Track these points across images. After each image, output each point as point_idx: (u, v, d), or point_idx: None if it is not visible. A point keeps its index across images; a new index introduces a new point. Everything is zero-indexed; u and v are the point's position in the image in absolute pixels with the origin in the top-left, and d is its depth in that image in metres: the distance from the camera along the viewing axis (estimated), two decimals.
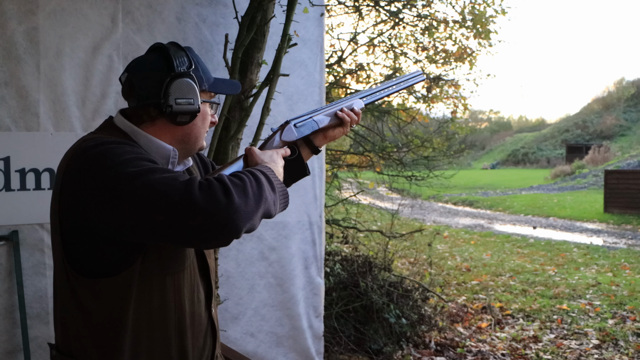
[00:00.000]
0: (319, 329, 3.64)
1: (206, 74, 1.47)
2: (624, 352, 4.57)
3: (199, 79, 1.42)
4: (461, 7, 6.30)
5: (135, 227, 1.19)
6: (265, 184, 1.29)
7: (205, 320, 1.48)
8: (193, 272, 1.44)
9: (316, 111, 1.71)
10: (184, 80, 1.38)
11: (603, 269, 8.12)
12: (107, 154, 1.25)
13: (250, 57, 2.78)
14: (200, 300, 1.46)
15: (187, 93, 1.39)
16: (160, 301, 1.35)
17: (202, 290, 1.48)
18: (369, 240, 6.25)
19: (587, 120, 48.45)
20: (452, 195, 21.65)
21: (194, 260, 1.45)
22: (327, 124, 1.71)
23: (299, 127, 1.68)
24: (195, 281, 1.45)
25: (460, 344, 4.74)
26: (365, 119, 6.96)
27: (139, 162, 1.23)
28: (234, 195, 1.17)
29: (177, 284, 1.38)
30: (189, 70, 1.40)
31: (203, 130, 1.48)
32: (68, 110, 2.67)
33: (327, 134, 1.73)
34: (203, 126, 1.48)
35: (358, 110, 1.75)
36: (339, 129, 1.74)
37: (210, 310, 1.51)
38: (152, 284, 1.34)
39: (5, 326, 2.55)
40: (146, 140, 1.40)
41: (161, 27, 2.87)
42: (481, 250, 10.03)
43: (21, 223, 2.61)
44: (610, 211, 15.31)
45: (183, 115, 1.39)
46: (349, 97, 1.77)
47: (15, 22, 2.52)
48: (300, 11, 2.98)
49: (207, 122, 1.49)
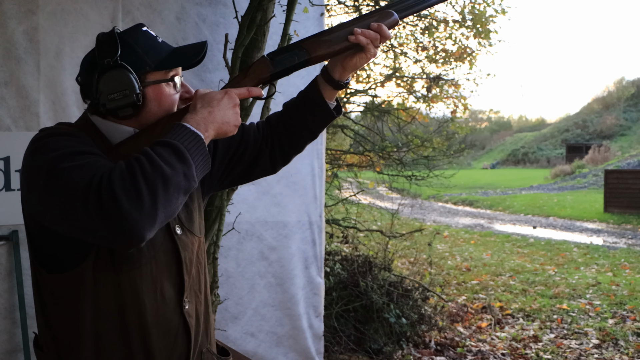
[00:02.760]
0: (319, 328, 3.64)
1: (151, 51, 1.35)
2: (624, 352, 4.57)
3: (136, 63, 1.32)
4: (461, 7, 6.31)
5: (54, 223, 1.20)
6: (164, 165, 1.12)
7: (175, 318, 1.39)
8: (156, 269, 1.34)
9: (318, 35, 1.44)
10: (111, 73, 1.30)
11: (603, 269, 8.12)
12: (42, 146, 1.23)
13: (250, 56, 2.78)
14: (167, 298, 1.37)
15: (119, 85, 1.29)
16: (117, 300, 1.31)
17: (171, 286, 1.38)
18: (369, 240, 6.26)
19: (587, 120, 48.46)
20: (452, 195, 21.65)
21: (157, 256, 1.35)
22: (327, 51, 1.42)
23: (278, 60, 1.45)
24: (158, 279, 1.35)
25: (460, 344, 4.74)
26: (365, 118, 6.97)
27: (67, 157, 1.18)
28: (123, 204, 1.08)
29: (133, 282, 1.31)
30: (115, 59, 1.30)
31: (172, 109, 1.37)
32: (68, 110, 2.67)
33: (345, 64, 1.47)
34: (161, 109, 1.36)
35: (383, 25, 1.43)
36: (360, 55, 1.44)
37: (182, 307, 1.40)
38: (107, 282, 1.30)
39: (5, 326, 2.55)
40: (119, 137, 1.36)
41: (161, 26, 2.87)
42: (481, 250, 10.03)
43: (21, 223, 2.60)
44: (610, 211, 15.31)
45: (123, 109, 1.31)
46: (377, 10, 1.45)
47: (15, 22, 2.52)
48: (300, 11, 2.99)
49: (168, 103, 1.37)
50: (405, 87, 6.68)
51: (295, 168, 3.45)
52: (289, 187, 3.44)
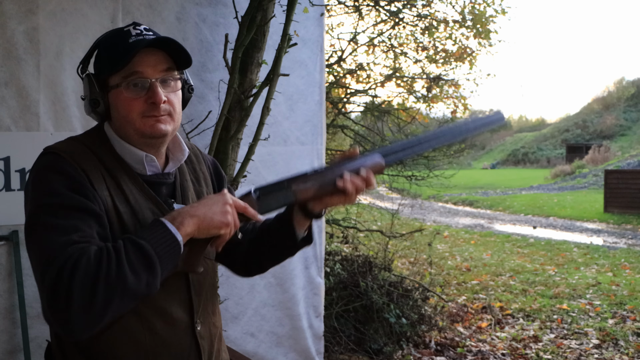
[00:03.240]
0: (319, 328, 3.64)
1: (113, 54, 1.29)
2: (624, 352, 4.57)
3: (100, 68, 1.32)
4: (461, 7, 6.31)
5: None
6: (129, 274, 1.11)
7: (187, 340, 1.39)
8: (165, 292, 1.31)
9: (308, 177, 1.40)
10: (84, 79, 1.35)
11: (603, 269, 8.12)
12: (40, 182, 1.26)
13: (250, 57, 2.78)
14: (177, 320, 1.37)
15: (85, 92, 1.34)
16: (127, 322, 1.30)
17: (182, 308, 1.38)
18: (369, 240, 6.26)
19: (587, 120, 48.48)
20: (452, 195, 21.65)
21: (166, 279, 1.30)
22: (314, 193, 1.39)
23: (265, 202, 1.38)
24: (167, 301, 1.35)
25: (460, 344, 4.74)
26: (365, 118, 6.97)
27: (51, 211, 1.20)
28: (74, 303, 1.06)
29: (143, 304, 1.29)
30: (84, 66, 1.36)
31: (129, 115, 1.30)
32: (68, 110, 2.67)
33: (323, 200, 1.43)
34: (120, 115, 1.32)
35: (372, 175, 1.40)
36: (340, 197, 1.40)
37: (195, 329, 1.41)
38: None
39: (5, 326, 2.55)
40: (120, 146, 1.36)
41: (161, 27, 2.87)
42: (481, 250, 10.03)
43: (21, 223, 2.60)
44: (610, 211, 15.31)
45: (93, 115, 1.37)
46: (367, 154, 1.41)
47: (15, 22, 2.51)
48: (300, 11, 2.98)
49: (125, 109, 1.30)
50: (405, 87, 6.68)
51: (295, 168, 3.45)
52: None
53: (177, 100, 1.36)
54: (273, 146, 3.22)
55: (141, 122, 1.30)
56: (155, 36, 1.32)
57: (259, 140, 2.77)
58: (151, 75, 1.29)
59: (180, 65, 1.37)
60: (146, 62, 1.29)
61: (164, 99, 1.30)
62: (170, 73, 1.34)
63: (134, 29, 1.33)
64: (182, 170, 1.49)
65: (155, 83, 1.29)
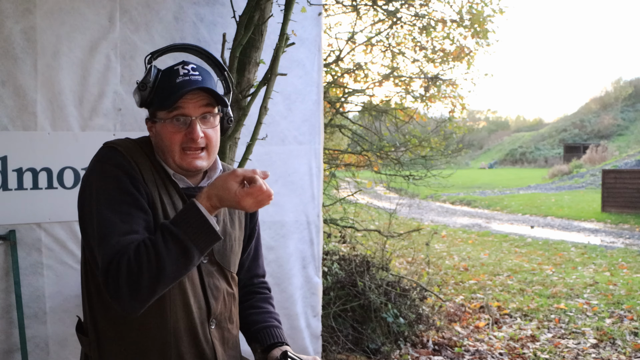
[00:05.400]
0: (316, 328, 3.64)
1: (161, 91, 1.51)
2: (621, 352, 4.58)
3: (152, 101, 1.54)
4: (459, 7, 6.31)
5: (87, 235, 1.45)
6: (168, 265, 1.32)
7: (202, 334, 1.52)
8: (185, 286, 1.48)
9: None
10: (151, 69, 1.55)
11: (600, 268, 8.13)
12: (100, 173, 1.45)
13: (248, 56, 2.77)
14: (195, 312, 1.50)
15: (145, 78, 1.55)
16: (154, 303, 1.41)
17: (198, 305, 1.51)
18: (367, 240, 6.25)
19: (584, 120, 48.58)
20: (450, 195, 21.67)
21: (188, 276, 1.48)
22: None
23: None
24: (187, 294, 1.49)
25: (457, 343, 4.74)
26: (363, 118, 6.97)
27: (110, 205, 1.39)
28: (123, 288, 1.30)
29: (168, 291, 1.43)
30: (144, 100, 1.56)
31: (171, 146, 1.49)
32: (65, 109, 2.67)
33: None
34: (161, 144, 1.51)
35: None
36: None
37: (209, 326, 1.54)
38: None
39: (2, 326, 2.55)
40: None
41: (159, 26, 2.87)
42: (479, 250, 10.04)
43: (18, 222, 2.61)
44: (608, 210, 15.34)
45: (136, 96, 1.57)
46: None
47: (12, 21, 2.51)
48: (298, 10, 2.98)
49: (166, 140, 1.49)
50: (403, 87, 6.68)
51: (293, 168, 3.45)
52: (287, 187, 3.43)
53: (214, 134, 1.53)
54: (271, 146, 3.22)
55: (181, 156, 1.49)
56: (200, 76, 1.49)
57: (256, 139, 2.77)
58: (192, 113, 1.48)
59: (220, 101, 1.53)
60: (189, 101, 1.47)
61: (201, 135, 1.48)
62: (210, 110, 1.51)
63: (182, 68, 1.51)
64: None
65: (195, 121, 1.48)
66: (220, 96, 1.49)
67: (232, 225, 1.64)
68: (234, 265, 1.63)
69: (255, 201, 1.35)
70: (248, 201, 1.34)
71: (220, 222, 1.58)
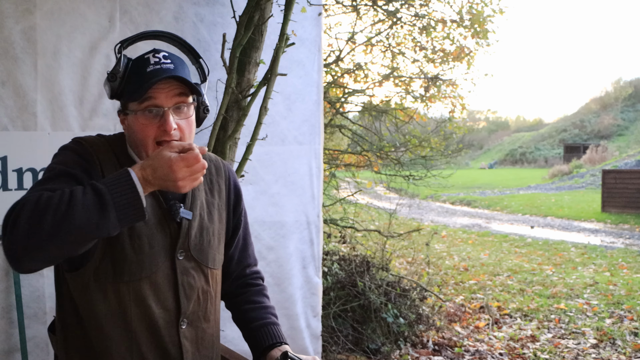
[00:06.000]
0: (316, 328, 3.63)
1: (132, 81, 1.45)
2: (621, 352, 4.58)
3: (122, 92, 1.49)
4: (459, 7, 6.31)
5: None
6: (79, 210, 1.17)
7: (169, 335, 1.48)
8: (153, 286, 1.44)
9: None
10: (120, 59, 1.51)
11: (600, 269, 8.13)
12: (56, 155, 1.44)
13: (248, 56, 2.77)
14: (162, 313, 1.46)
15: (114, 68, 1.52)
16: (117, 305, 1.41)
17: (166, 305, 1.47)
18: (367, 240, 6.26)
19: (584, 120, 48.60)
20: (450, 195, 21.66)
21: (156, 274, 1.45)
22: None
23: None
24: (154, 295, 1.45)
25: (457, 344, 4.74)
26: (363, 118, 6.97)
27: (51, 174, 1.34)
28: (19, 226, 1.16)
29: (133, 292, 1.41)
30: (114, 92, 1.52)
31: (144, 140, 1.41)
32: (65, 109, 2.67)
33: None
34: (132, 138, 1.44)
35: None
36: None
37: (179, 327, 1.50)
38: (108, 288, 1.42)
39: (2, 326, 2.55)
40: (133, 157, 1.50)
41: (159, 26, 2.87)
42: (479, 250, 10.04)
43: None
44: (608, 211, 15.33)
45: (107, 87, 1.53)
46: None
47: (12, 21, 2.51)
48: (298, 10, 2.98)
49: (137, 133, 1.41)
50: (403, 87, 6.68)
51: (293, 168, 3.45)
52: (287, 187, 3.43)
53: (188, 126, 1.45)
54: (271, 146, 3.22)
55: (154, 148, 1.40)
56: (173, 65, 1.42)
57: (256, 140, 2.77)
58: (164, 103, 1.40)
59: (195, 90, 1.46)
60: (160, 90, 1.39)
61: (174, 126, 1.40)
62: (184, 100, 1.43)
63: (153, 56, 1.44)
64: None
65: (168, 112, 1.40)
66: (194, 85, 1.42)
67: (211, 219, 1.59)
68: (212, 260, 1.57)
69: (189, 170, 1.25)
70: (182, 169, 1.24)
71: (197, 217, 1.53)
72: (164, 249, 1.46)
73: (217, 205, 1.62)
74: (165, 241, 1.47)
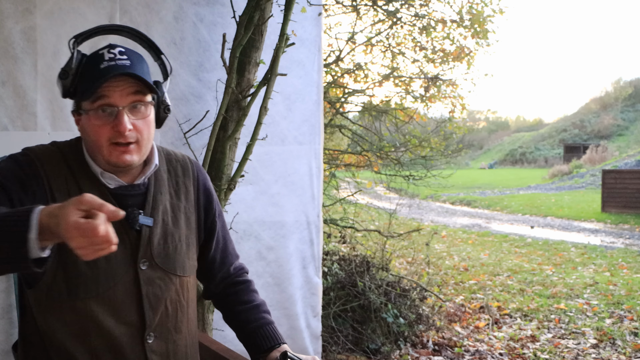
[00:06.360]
0: (316, 328, 3.63)
1: (85, 79, 1.35)
2: (621, 352, 4.58)
3: (76, 91, 1.42)
4: (459, 7, 6.31)
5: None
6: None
7: (135, 351, 1.40)
8: (114, 300, 1.36)
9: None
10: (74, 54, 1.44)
11: (600, 269, 8.13)
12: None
13: (248, 56, 2.77)
14: (124, 329, 1.39)
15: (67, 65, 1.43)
16: (75, 324, 1.34)
17: (130, 319, 1.39)
18: (367, 240, 6.25)
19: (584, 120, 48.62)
20: (450, 195, 21.66)
21: (115, 288, 1.36)
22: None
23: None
24: (116, 309, 1.37)
25: (457, 344, 4.74)
26: (363, 118, 6.97)
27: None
28: None
29: (90, 309, 1.33)
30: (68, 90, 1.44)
31: (98, 141, 1.33)
32: (66, 109, 2.66)
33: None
34: (87, 139, 1.37)
35: None
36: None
37: (144, 341, 1.41)
38: (64, 306, 1.34)
39: (2, 326, 2.55)
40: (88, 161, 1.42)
41: (159, 26, 2.87)
42: (479, 250, 10.04)
43: None
44: (608, 211, 15.33)
45: (59, 84, 1.45)
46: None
47: (12, 21, 2.51)
48: (298, 10, 2.98)
49: (91, 134, 1.34)
50: (403, 87, 6.68)
51: (293, 168, 3.45)
52: (287, 187, 3.43)
53: (145, 126, 1.36)
54: (271, 146, 3.22)
55: (108, 150, 1.32)
56: (129, 61, 1.33)
57: (256, 140, 2.77)
58: (118, 102, 1.31)
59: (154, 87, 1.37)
60: (114, 88, 1.30)
61: (129, 127, 1.31)
62: (140, 98, 1.34)
63: (108, 52, 1.35)
64: (159, 182, 1.49)
65: (122, 111, 1.31)
66: (150, 83, 1.33)
67: (176, 224, 1.49)
68: (181, 267, 1.48)
69: (85, 241, 0.97)
70: (76, 237, 0.98)
71: (159, 222, 1.44)
72: (124, 260, 1.37)
73: (184, 208, 1.52)
74: (124, 252, 1.37)
